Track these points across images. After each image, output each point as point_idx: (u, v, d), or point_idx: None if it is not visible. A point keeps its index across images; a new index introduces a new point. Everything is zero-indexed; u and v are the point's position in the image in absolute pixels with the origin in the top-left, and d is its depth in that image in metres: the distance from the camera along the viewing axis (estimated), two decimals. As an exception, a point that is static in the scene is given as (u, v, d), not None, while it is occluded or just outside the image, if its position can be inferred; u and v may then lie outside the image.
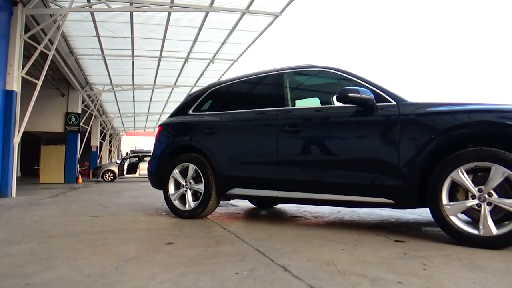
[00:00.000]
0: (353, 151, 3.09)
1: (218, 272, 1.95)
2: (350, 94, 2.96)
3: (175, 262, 2.16)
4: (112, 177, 18.92)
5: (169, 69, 15.73)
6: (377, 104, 3.00)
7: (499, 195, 2.44)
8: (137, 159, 19.60)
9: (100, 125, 25.76)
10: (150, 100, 21.83)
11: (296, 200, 3.49)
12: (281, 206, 5.24)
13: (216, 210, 4.55)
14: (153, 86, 18.27)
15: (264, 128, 3.65)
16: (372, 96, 2.98)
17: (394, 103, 2.97)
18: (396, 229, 3.33)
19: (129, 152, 23.53)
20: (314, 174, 3.26)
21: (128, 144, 48.19)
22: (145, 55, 14.12)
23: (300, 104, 4.15)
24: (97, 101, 19.21)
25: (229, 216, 4.30)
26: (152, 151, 4.71)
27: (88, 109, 19.20)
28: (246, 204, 5.54)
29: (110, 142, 33.94)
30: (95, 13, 10.34)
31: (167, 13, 10.57)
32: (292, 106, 3.69)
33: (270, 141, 3.52)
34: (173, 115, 4.62)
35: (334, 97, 3.72)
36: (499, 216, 2.50)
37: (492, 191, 2.45)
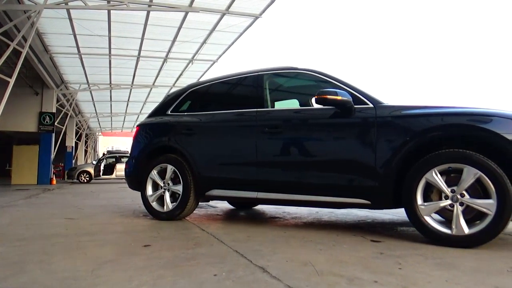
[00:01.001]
0: (331, 152, 3.13)
1: (196, 274, 1.94)
2: (329, 96, 2.99)
3: (152, 264, 2.13)
4: (88, 178, 18.51)
5: (147, 68, 15.54)
6: (355, 106, 3.05)
7: (471, 196, 2.52)
8: (114, 159, 19.22)
9: (76, 125, 25.20)
10: (128, 100, 21.51)
11: (275, 201, 3.50)
12: (260, 207, 5.25)
13: (194, 211, 4.51)
14: (131, 86, 18.01)
15: (244, 129, 3.65)
16: (350, 99, 3.02)
17: (371, 105, 3.02)
18: (372, 229, 3.39)
19: (105, 152, 23.07)
20: (293, 175, 3.28)
21: (105, 144, 47.29)
22: (123, 54, 13.91)
23: (279, 105, 4.17)
24: (73, 100, 18.76)
25: (207, 217, 4.27)
26: (129, 152, 4.63)
27: (63, 108, 18.73)
28: (225, 205, 5.53)
29: (86, 142, 33.26)
30: (71, 11, 10.11)
31: (145, 12, 10.44)
32: (271, 107, 3.71)
33: (249, 142, 3.53)
34: (151, 115, 4.56)
35: (313, 99, 3.76)
36: (471, 216, 2.58)
37: (464, 192, 2.53)
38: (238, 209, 5.12)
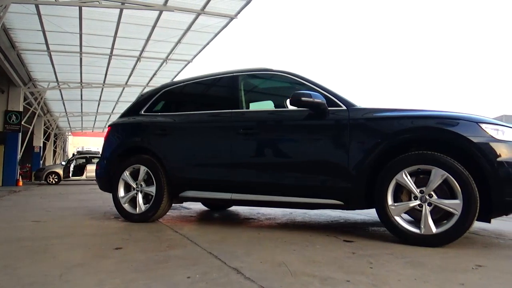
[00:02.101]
0: (305, 153, 3.17)
1: (169, 276, 1.91)
2: (303, 98, 3.03)
3: (124, 267, 2.09)
4: (56, 180, 17.93)
5: (120, 67, 15.24)
6: (329, 108, 3.09)
7: (439, 196, 2.61)
8: (84, 160, 18.71)
9: (44, 125, 24.39)
10: (99, 99, 21.01)
11: (250, 202, 3.50)
12: (234, 208, 5.24)
13: (168, 213, 4.45)
14: (103, 85, 17.60)
15: (218, 130, 3.64)
16: (324, 101, 3.07)
17: (344, 107, 3.08)
18: (345, 229, 3.45)
19: (75, 153, 22.40)
20: (268, 176, 3.30)
21: (75, 145, 46.06)
22: (94, 52, 13.58)
23: (254, 106, 4.18)
24: (41, 99, 18.13)
25: (181, 219, 4.23)
26: (100, 152, 4.52)
27: (31, 107, 18.07)
28: (199, 206, 5.48)
29: (54, 142, 32.30)
30: (40, 6, 9.77)
31: (118, 9, 10.23)
32: (246, 108, 3.71)
33: (224, 143, 3.52)
34: (124, 115, 4.47)
35: (288, 101, 3.79)
36: (439, 215, 2.67)
37: (432, 192, 2.62)
38: (212, 210, 5.09)
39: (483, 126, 2.63)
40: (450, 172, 2.55)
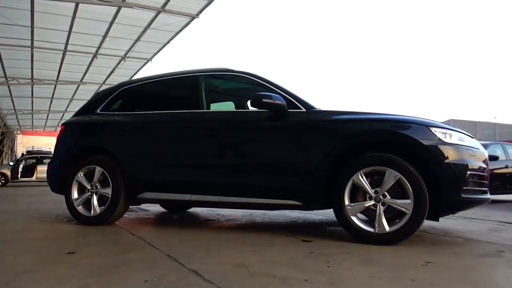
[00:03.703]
0: (266, 154, 3.19)
1: (126, 280, 1.86)
2: (264, 100, 3.05)
3: (78, 272, 2.00)
4: (3, 181, 16.86)
5: (75, 64, 14.62)
6: (289, 110, 3.14)
7: (392, 196, 2.73)
8: (34, 160, 17.73)
9: (-10, 122, 22.88)
10: (52, 96, 20.05)
11: (210, 203, 3.48)
12: (194, 209, 5.18)
13: (125, 215, 4.32)
14: (56, 82, 16.81)
15: (178, 130, 3.58)
16: (284, 103, 3.11)
17: (304, 110, 3.14)
18: (304, 229, 3.52)
19: (25, 153, 21.17)
20: (228, 177, 3.29)
21: (24, 144, 43.59)
22: (47, 47, 12.93)
23: (215, 107, 4.16)
24: (-13, 95, 17.01)
25: (139, 221, 4.12)
26: (53, 152, 4.31)
27: (-25, 103, 16.91)
28: (157, 208, 5.37)
29: (1, 141, 30.42)
30: (-14, -4, 9.17)
31: (74, 3, 9.82)
32: (207, 109, 3.69)
33: (184, 144, 3.47)
34: (78, 113, 4.29)
35: (249, 102, 3.81)
36: (391, 215, 2.79)
37: (386, 193, 2.73)
38: (171, 212, 5.01)
39: (433, 129, 2.78)
40: (402, 173, 2.67)
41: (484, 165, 2.92)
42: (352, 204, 2.81)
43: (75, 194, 3.81)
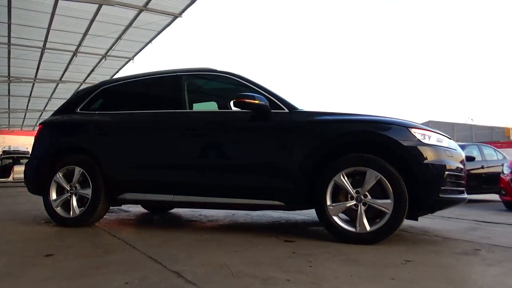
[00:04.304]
0: (249, 155, 3.19)
1: (106, 283, 1.83)
2: (247, 100, 3.05)
3: (56, 275, 1.96)
4: (-22, 182, 16.33)
5: (54, 62, 14.29)
6: (272, 111, 3.15)
7: (373, 196, 2.77)
8: (11, 161, 17.23)
9: (-36, 121, 22.16)
10: (30, 95, 19.56)
11: (192, 204, 3.46)
12: (176, 210, 5.14)
13: (105, 216, 4.25)
14: (34, 80, 16.41)
15: (161, 130, 3.54)
16: (267, 103, 3.12)
17: (287, 110, 3.15)
18: (286, 230, 3.53)
19: (1, 152, 20.58)
20: (211, 177, 3.28)
21: (0, 144, 42.43)
22: (25, 44, 12.59)
23: (198, 107, 4.14)
24: (-39, 93, 16.47)
25: (119, 222, 4.06)
26: (30, 152, 4.20)
27: None
28: (138, 209, 5.30)
29: (-24, 141, 29.45)
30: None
31: (53, 0, 9.60)
32: (189, 109, 3.66)
33: (167, 144, 3.44)
34: (58, 113, 4.20)
35: (231, 102, 3.80)
36: (372, 214, 2.83)
37: (367, 193, 2.77)
38: (153, 213, 4.95)
39: (412, 130, 2.84)
40: (383, 174, 2.72)
41: (461, 166, 3.00)
42: (334, 204, 2.84)
43: (53, 195, 3.72)
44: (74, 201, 3.65)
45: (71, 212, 3.63)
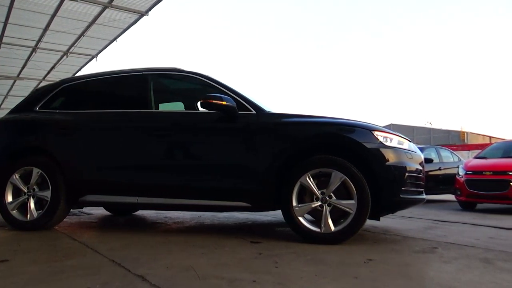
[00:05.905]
0: (216, 156, 3.18)
1: (65, 288, 1.76)
2: (214, 101, 3.04)
3: (11, 282, 1.87)
4: None
5: (11, 57, 13.57)
6: (239, 112, 3.15)
7: (337, 197, 2.84)
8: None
9: None
10: (-16, 92, 18.47)
11: (157, 206, 3.40)
12: (140, 212, 5.02)
13: (65, 219, 4.09)
14: (-11, 76, 15.51)
15: (125, 130, 3.46)
16: (234, 104, 3.11)
17: (254, 112, 3.17)
18: (252, 231, 3.54)
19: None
20: (177, 179, 3.23)
21: (-50, 143, 39.69)
22: (-22, 38, 11.89)
23: (164, 107, 4.07)
24: None
25: (81, 225, 3.92)
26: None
27: None
28: (101, 211, 5.14)
29: None
30: None
31: (10, -7, 9.15)
32: (155, 109, 3.60)
33: (131, 144, 3.36)
34: (15, 111, 4.00)
35: (199, 103, 3.77)
36: (337, 215, 2.89)
37: (332, 194, 2.83)
38: (116, 215, 4.82)
39: (375, 133, 2.93)
40: (347, 175, 2.79)
41: (420, 167, 3.13)
42: (299, 205, 2.88)
43: (9, 198, 3.54)
44: (32, 204, 3.48)
45: (29, 215, 3.46)
